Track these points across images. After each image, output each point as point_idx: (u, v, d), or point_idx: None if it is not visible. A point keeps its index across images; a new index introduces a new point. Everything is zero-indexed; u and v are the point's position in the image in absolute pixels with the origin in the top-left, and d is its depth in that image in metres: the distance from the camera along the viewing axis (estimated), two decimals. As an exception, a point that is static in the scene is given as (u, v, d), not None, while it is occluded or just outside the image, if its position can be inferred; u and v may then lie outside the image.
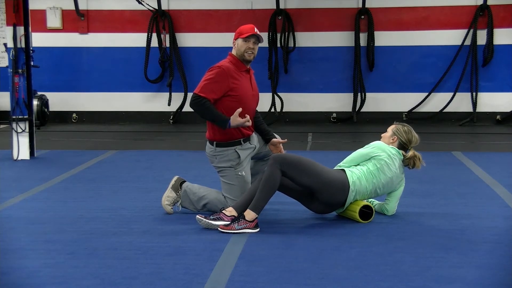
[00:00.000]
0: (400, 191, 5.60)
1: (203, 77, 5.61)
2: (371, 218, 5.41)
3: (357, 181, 5.34)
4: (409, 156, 5.56)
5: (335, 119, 12.67)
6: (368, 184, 5.38)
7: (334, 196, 5.30)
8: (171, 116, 12.76)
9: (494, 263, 4.38)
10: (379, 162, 5.42)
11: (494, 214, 5.68)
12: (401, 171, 5.53)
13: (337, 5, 12.51)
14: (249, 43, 5.61)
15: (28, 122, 8.63)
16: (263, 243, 4.83)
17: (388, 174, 5.44)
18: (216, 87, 5.52)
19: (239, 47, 5.64)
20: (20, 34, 8.53)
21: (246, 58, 5.64)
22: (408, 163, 5.57)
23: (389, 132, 5.65)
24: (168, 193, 5.68)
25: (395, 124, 5.71)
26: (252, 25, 5.68)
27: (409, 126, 5.67)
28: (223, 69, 5.56)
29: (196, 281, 4.04)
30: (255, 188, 5.24)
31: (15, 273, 4.21)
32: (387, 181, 5.45)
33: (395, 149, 5.52)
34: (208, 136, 5.71)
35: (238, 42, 5.65)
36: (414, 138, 5.62)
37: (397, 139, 5.59)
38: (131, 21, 12.78)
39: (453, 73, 12.29)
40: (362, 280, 4.07)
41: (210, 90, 5.51)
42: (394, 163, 5.46)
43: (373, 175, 5.40)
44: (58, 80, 12.82)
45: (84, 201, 6.20)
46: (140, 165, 8.18)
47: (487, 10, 12.14)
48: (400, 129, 5.62)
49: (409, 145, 5.59)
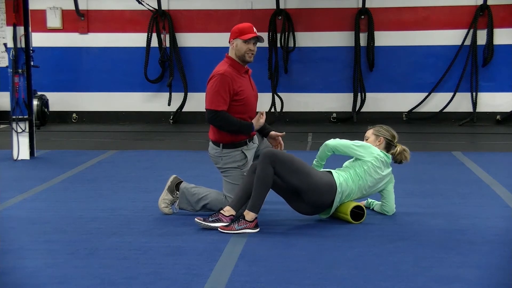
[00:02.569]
0: (391, 188, 5.59)
1: (208, 89, 5.48)
2: (363, 219, 5.40)
3: (343, 183, 5.32)
4: (398, 152, 5.57)
5: (335, 119, 12.67)
6: (354, 185, 5.36)
7: (321, 198, 5.25)
8: (171, 116, 12.75)
9: (494, 263, 4.38)
10: (365, 164, 5.40)
11: (494, 214, 5.68)
12: (387, 173, 5.52)
13: (337, 5, 12.51)
14: (250, 44, 5.53)
15: (28, 122, 8.63)
16: (263, 243, 4.83)
17: (375, 176, 5.42)
18: (225, 96, 5.42)
19: (239, 48, 5.53)
20: (20, 34, 8.53)
21: (247, 59, 5.56)
22: (399, 158, 5.57)
23: (371, 137, 5.62)
24: (164, 196, 5.64)
25: (370, 128, 5.69)
26: (250, 24, 5.59)
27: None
28: (225, 75, 5.45)
29: (196, 281, 4.04)
30: (247, 183, 5.22)
31: (15, 273, 4.21)
32: (373, 183, 5.44)
33: (382, 152, 5.51)
34: (213, 138, 5.60)
35: (238, 43, 5.53)
36: (395, 133, 5.65)
37: (383, 140, 5.58)
38: (131, 21, 12.78)
39: (453, 73, 12.29)
40: (362, 280, 4.07)
41: (221, 101, 5.42)
42: (381, 166, 5.45)
43: (359, 177, 5.38)
44: (58, 80, 12.82)
45: (84, 201, 6.20)
46: (140, 165, 8.18)
47: (487, 10, 12.13)
48: (381, 130, 5.63)
49: (394, 141, 5.59)
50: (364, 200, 5.84)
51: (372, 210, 5.77)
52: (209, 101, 5.46)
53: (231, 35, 5.59)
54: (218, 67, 5.57)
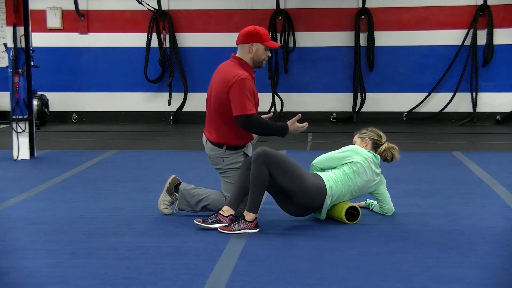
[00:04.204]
0: (383, 190, 5.57)
1: (238, 93, 5.26)
2: (358, 219, 5.40)
3: (333, 185, 5.30)
4: (384, 149, 5.56)
5: (335, 119, 12.67)
6: (343, 187, 5.35)
7: (311, 201, 5.24)
8: (171, 116, 12.75)
9: (494, 263, 4.38)
10: (355, 165, 5.39)
11: (494, 214, 5.68)
12: (376, 175, 5.50)
13: (337, 5, 12.51)
14: (268, 51, 5.46)
15: (28, 122, 8.62)
16: (263, 243, 4.83)
17: (364, 177, 5.41)
18: (251, 98, 5.32)
19: (260, 54, 5.40)
20: (20, 34, 8.53)
21: (262, 65, 5.51)
22: (385, 155, 5.56)
23: (358, 140, 5.66)
24: (163, 197, 5.62)
25: (356, 133, 5.71)
26: (266, 30, 5.51)
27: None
28: (248, 79, 5.30)
29: (196, 281, 4.04)
30: (242, 181, 5.21)
31: (15, 273, 4.21)
32: (363, 184, 5.43)
33: (371, 152, 5.51)
34: (216, 140, 5.47)
35: (260, 48, 5.39)
36: (382, 133, 5.65)
37: (369, 140, 5.59)
38: (131, 21, 12.78)
39: (453, 73, 12.29)
40: (362, 280, 4.07)
41: (251, 105, 5.30)
42: (370, 166, 5.44)
43: (349, 178, 5.37)
44: (58, 80, 12.82)
45: (84, 201, 6.20)
46: (140, 165, 8.18)
47: (487, 10, 12.13)
48: (366, 132, 5.66)
49: (381, 140, 5.59)
50: (362, 200, 5.84)
51: (372, 211, 5.76)
52: (239, 106, 5.27)
53: (249, 38, 5.39)
54: (234, 69, 5.37)
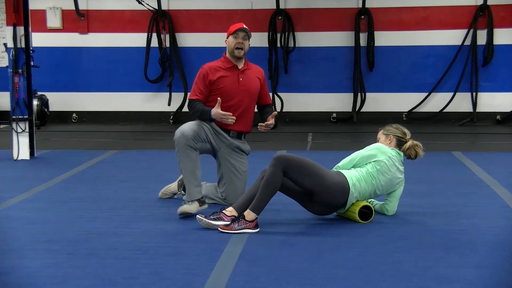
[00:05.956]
0: (400, 191, 5.59)
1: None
2: (371, 218, 5.41)
3: (356, 183, 5.33)
4: (408, 147, 5.54)
5: (335, 119, 12.68)
6: (367, 185, 5.37)
7: (335, 199, 5.29)
8: (171, 116, 12.75)
9: (494, 263, 4.38)
10: (378, 164, 5.41)
11: (494, 214, 5.68)
12: (400, 172, 5.52)
13: (337, 5, 12.52)
14: (238, 38, 5.84)
15: (28, 122, 8.62)
16: (263, 243, 4.83)
17: (388, 175, 5.43)
18: (201, 87, 5.88)
19: (230, 44, 5.89)
20: (20, 34, 8.53)
21: (236, 54, 5.87)
22: (409, 153, 5.55)
23: (382, 137, 5.64)
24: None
25: (381, 129, 5.70)
26: (242, 23, 5.89)
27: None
28: (204, 68, 5.94)
29: (196, 281, 4.04)
30: (256, 188, 5.23)
31: (15, 273, 4.21)
32: (386, 182, 5.44)
33: (394, 150, 5.51)
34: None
35: (229, 39, 5.90)
36: (406, 130, 5.63)
37: (393, 138, 5.58)
38: (131, 21, 12.78)
39: (453, 73, 12.29)
40: (362, 280, 4.07)
41: (197, 91, 5.89)
42: (394, 164, 5.46)
43: (372, 176, 5.39)
44: (58, 80, 12.83)
45: (84, 201, 6.20)
46: (140, 165, 8.18)
47: (487, 10, 12.14)
48: (390, 128, 5.64)
49: (406, 137, 5.59)
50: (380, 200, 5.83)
51: (372, 210, 5.76)
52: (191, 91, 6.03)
53: (226, 36, 5.97)
54: None
